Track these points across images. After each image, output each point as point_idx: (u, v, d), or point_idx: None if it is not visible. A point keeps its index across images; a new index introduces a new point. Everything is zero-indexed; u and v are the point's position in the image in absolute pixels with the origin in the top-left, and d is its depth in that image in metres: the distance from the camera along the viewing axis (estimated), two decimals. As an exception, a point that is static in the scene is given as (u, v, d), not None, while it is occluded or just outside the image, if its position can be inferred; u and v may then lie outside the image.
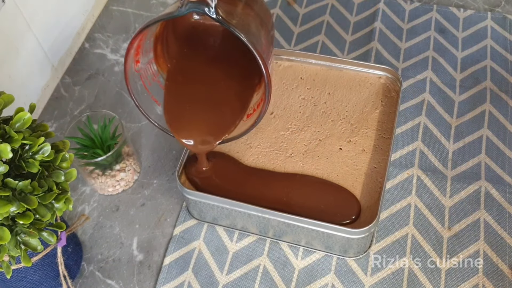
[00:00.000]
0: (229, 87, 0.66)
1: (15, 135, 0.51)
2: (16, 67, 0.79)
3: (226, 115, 0.65)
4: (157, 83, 0.66)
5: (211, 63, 0.66)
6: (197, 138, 0.65)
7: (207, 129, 0.65)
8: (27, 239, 0.53)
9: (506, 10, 0.91)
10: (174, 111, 0.65)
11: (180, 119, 0.65)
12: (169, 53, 0.66)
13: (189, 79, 0.66)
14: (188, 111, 0.65)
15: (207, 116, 0.65)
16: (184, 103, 0.65)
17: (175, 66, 0.66)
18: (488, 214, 0.70)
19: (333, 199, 0.66)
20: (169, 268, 0.68)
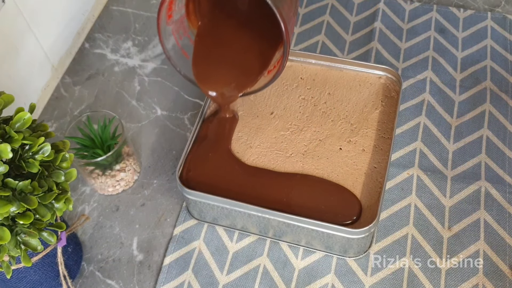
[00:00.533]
0: (253, 45, 0.71)
1: (15, 135, 0.51)
2: (16, 67, 0.79)
3: (249, 70, 0.70)
4: (188, 37, 0.71)
5: (238, 23, 0.72)
6: (221, 90, 0.70)
7: (231, 82, 0.70)
8: (27, 239, 0.53)
9: (506, 10, 0.91)
10: (201, 64, 0.70)
11: (207, 72, 0.70)
12: (200, 11, 0.71)
13: (217, 37, 0.72)
14: (214, 65, 0.71)
15: (231, 70, 0.71)
16: (211, 58, 0.71)
17: (205, 24, 0.72)
18: (488, 214, 0.70)
19: (334, 199, 0.66)
20: (169, 268, 0.68)
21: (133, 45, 0.91)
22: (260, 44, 0.71)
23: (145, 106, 0.84)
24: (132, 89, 0.86)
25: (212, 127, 0.72)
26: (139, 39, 0.92)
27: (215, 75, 0.71)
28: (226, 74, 0.71)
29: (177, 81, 0.86)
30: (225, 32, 0.72)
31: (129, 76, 0.88)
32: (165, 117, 0.83)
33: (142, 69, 0.88)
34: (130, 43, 0.92)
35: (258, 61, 0.70)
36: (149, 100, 0.85)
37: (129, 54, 0.90)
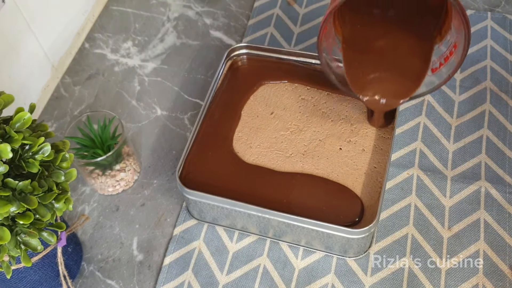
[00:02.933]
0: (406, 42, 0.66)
1: (15, 135, 0.51)
2: (16, 67, 0.79)
3: (410, 71, 0.66)
4: (336, 46, 0.68)
5: (385, 24, 0.67)
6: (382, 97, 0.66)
7: (393, 88, 0.66)
8: (27, 239, 0.53)
9: (506, 10, 0.91)
10: (355, 73, 0.67)
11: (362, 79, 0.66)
12: (344, 18, 0.67)
13: (366, 43, 0.68)
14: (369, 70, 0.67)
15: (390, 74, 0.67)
16: (364, 62, 0.67)
17: (350, 30, 0.68)
18: (488, 214, 0.70)
19: (336, 200, 0.66)
20: (169, 268, 0.68)
21: (133, 45, 0.91)
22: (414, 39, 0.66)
23: (145, 106, 0.84)
24: (132, 89, 0.86)
25: (212, 126, 0.72)
26: (139, 39, 0.92)
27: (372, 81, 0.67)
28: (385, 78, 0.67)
29: (177, 81, 0.87)
30: (372, 36, 0.68)
31: (129, 76, 0.88)
32: (165, 117, 0.83)
33: (142, 69, 0.88)
34: (130, 43, 0.92)
35: (418, 59, 0.66)
36: (149, 100, 0.85)
37: (129, 54, 0.90)
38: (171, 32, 0.93)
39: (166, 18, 0.95)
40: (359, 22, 0.67)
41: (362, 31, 0.68)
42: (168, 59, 0.89)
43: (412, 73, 0.66)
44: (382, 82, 0.67)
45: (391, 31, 0.67)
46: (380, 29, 0.67)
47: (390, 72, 0.67)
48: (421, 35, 0.66)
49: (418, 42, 0.66)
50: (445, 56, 0.64)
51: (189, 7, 0.96)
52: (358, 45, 0.68)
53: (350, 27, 0.68)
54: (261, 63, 0.78)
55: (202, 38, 0.92)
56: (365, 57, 0.68)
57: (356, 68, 0.67)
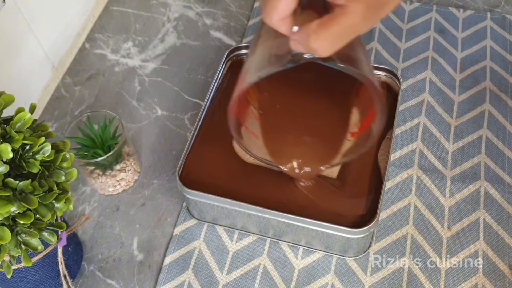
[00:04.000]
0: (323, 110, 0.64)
1: (16, 135, 0.51)
2: (17, 67, 0.79)
3: (328, 137, 0.63)
4: (251, 114, 0.64)
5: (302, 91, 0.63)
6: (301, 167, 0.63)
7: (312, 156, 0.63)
8: (27, 239, 0.53)
9: (506, 11, 0.91)
10: (272, 141, 0.63)
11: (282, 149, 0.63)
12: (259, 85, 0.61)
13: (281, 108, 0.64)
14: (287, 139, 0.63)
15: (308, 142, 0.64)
16: (282, 131, 0.64)
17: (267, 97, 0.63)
18: (487, 214, 0.70)
19: (335, 200, 0.66)
20: (169, 267, 0.68)
21: (133, 45, 0.91)
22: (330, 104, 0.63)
23: (145, 106, 0.84)
24: (132, 89, 0.86)
25: (212, 126, 0.72)
26: (139, 39, 0.92)
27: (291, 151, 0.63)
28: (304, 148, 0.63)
29: (177, 81, 0.87)
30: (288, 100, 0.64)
31: (129, 76, 0.88)
32: (165, 117, 0.83)
33: (142, 69, 0.89)
34: (131, 43, 0.92)
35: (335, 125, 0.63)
36: (149, 100, 0.85)
37: (129, 54, 0.90)
38: (171, 32, 0.93)
39: (166, 19, 0.95)
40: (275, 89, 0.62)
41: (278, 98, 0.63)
42: (168, 60, 0.90)
43: (330, 140, 0.63)
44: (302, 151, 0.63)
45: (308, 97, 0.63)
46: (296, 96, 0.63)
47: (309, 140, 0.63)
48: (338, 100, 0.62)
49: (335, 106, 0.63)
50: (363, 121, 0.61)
51: (189, 7, 0.96)
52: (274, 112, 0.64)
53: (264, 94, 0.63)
54: (261, 63, 0.78)
55: (202, 39, 0.92)
56: (282, 125, 0.64)
57: (273, 137, 0.64)
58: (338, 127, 0.63)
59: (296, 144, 0.64)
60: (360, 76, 0.51)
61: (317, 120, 0.64)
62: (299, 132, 0.64)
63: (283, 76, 0.58)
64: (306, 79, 0.62)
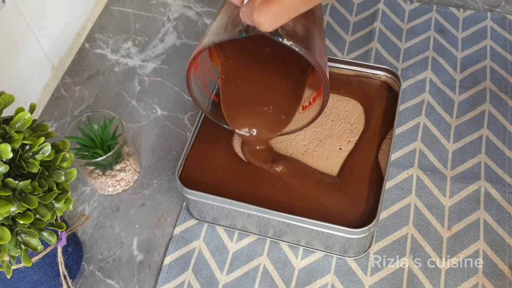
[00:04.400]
0: (281, 80, 0.67)
1: (16, 135, 0.51)
2: (16, 67, 0.79)
3: (281, 108, 0.67)
4: (213, 78, 0.69)
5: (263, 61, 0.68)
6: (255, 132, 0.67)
7: (264, 123, 0.67)
8: (27, 239, 0.53)
9: (506, 11, 0.91)
10: (231, 106, 0.67)
11: (238, 113, 0.67)
12: (222, 49, 0.67)
13: (243, 76, 0.68)
14: (244, 106, 0.67)
15: (263, 110, 0.67)
16: (241, 98, 0.67)
17: (229, 63, 0.68)
18: (487, 214, 0.70)
19: (336, 200, 0.66)
20: (169, 268, 0.68)
21: (133, 45, 0.91)
22: (288, 78, 0.67)
23: (145, 106, 0.84)
24: (132, 89, 0.86)
25: (212, 126, 0.72)
26: (139, 39, 0.92)
27: (246, 116, 0.67)
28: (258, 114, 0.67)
29: (177, 81, 0.87)
30: (249, 67, 0.68)
31: (129, 76, 0.88)
32: (165, 117, 0.83)
33: (142, 69, 0.88)
34: (130, 43, 0.92)
35: (290, 98, 0.67)
36: (149, 100, 0.85)
37: (129, 54, 0.90)
38: (171, 32, 0.93)
39: (166, 18, 0.95)
40: (239, 56, 0.67)
41: (241, 64, 0.67)
42: (168, 59, 0.90)
43: (284, 111, 0.67)
44: (255, 117, 0.67)
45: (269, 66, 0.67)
46: (259, 64, 0.67)
47: (264, 109, 0.67)
48: (296, 74, 0.66)
49: (292, 81, 0.67)
50: (313, 96, 0.65)
51: (189, 7, 0.96)
52: (237, 79, 0.67)
53: (229, 60, 0.67)
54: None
55: (202, 38, 0.92)
56: (242, 91, 0.67)
57: (232, 101, 0.67)
58: (292, 99, 0.67)
59: (251, 111, 0.67)
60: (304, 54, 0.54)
61: (274, 91, 0.67)
62: (256, 100, 0.67)
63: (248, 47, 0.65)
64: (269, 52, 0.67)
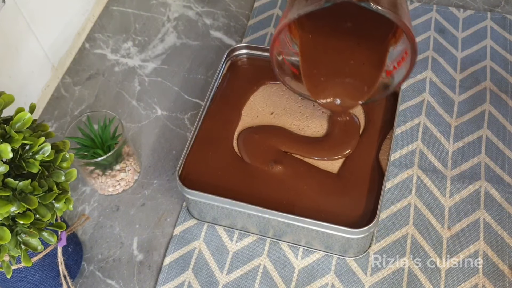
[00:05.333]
0: (362, 47, 0.68)
1: (16, 135, 0.51)
2: (16, 67, 0.79)
3: (365, 74, 0.68)
4: (293, 51, 0.69)
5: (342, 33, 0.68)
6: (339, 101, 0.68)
7: (348, 91, 0.68)
8: (27, 239, 0.53)
9: (506, 10, 0.91)
10: (312, 78, 0.68)
11: (319, 84, 0.68)
12: (300, 23, 0.68)
13: (323, 48, 0.69)
14: (325, 76, 0.68)
15: (346, 77, 0.68)
16: (321, 69, 0.68)
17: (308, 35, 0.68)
18: (487, 214, 0.70)
19: (336, 200, 0.66)
20: (169, 268, 0.68)
21: (133, 45, 0.91)
22: (369, 43, 0.68)
23: (145, 106, 0.84)
24: (132, 89, 0.86)
25: (212, 126, 0.72)
26: (139, 39, 0.92)
27: (329, 87, 0.68)
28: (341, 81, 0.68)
29: (177, 81, 0.87)
30: (329, 36, 0.69)
31: (129, 76, 0.88)
32: (165, 117, 0.83)
33: (142, 69, 0.88)
34: (130, 43, 0.92)
35: (373, 62, 0.67)
36: (149, 100, 0.85)
37: (129, 54, 0.90)
38: (171, 32, 0.93)
39: (166, 18, 0.95)
40: (318, 30, 0.68)
41: (320, 37, 0.68)
42: (168, 59, 0.90)
43: (367, 76, 0.68)
44: (338, 86, 0.68)
45: (348, 36, 0.68)
46: (338, 35, 0.68)
47: (347, 76, 0.69)
48: (377, 38, 0.67)
49: (374, 45, 0.67)
50: (398, 60, 0.66)
51: (189, 7, 0.96)
52: (316, 51, 0.69)
53: (308, 34, 0.68)
54: (261, 63, 0.78)
55: (202, 38, 0.92)
56: (322, 62, 0.69)
57: (313, 73, 0.68)
58: (373, 67, 0.67)
59: (333, 81, 0.68)
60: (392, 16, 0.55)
61: (353, 60, 0.68)
62: (337, 70, 0.69)
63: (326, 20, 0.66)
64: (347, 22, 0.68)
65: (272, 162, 0.68)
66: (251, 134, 0.71)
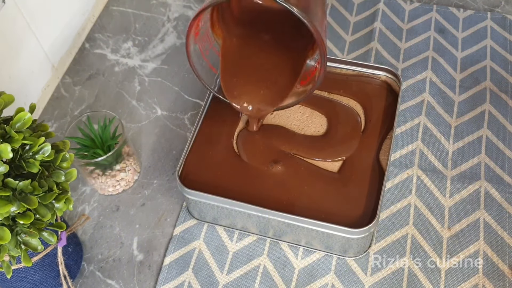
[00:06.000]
0: (281, 56, 0.69)
1: (16, 135, 0.51)
2: (16, 67, 0.79)
3: (280, 82, 0.68)
4: (213, 50, 0.69)
5: (265, 35, 0.69)
6: (252, 105, 0.68)
7: (263, 97, 0.68)
8: (27, 239, 0.53)
9: (506, 11, 0.91)
10: (229, 79, 0.69)
11: (236, 87, 0.68)
12: (224, 21, 0.69)
13: (244, 48, 0.69)
14: (242, 79, 0.69)
15: (262, 83, 0.69)
16: (239, 72, 0.69)
17: (230, 36, 0.69)
18: (487, 214, 0.70)
19: (336, 200, 0.66)
20: (169, 268, 0.68)
21: (133, 45, 0.91)
22: (288, 55, 0.69)
23: (145, 106, 0.84)
24: (132, 89, 0.86)
25: (212, 126, 0.72)
26: (139, 39, 0.92)
27: (245, 89, 0.69)
28: (257, 87, 0.69)
29: (177, 81, 0.87)
30: (251, 43, 0.70)
31: (129, 76, 0.88)
32: (165, 117, 0.83)
33: (142, 69, 0.88)
34: (130, 43, 0.92)
35: (289, 72, 0.69)
36: (149, 100, 0.85)
37: (129, 54, 0.90)
38: (171, 32, 0.93)
39: (166, 18, 0.95)
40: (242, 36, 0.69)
41: (243, 44, 0.69)
42: (168, 59, 0.90)
43: (282, 85, 0.68)
44: (253, 93, 0.69)
45: (270, 46, 0.69)
46: (261, 44, 0.69)
47: (262, 82, 0.69)
48: (296, 50, 0.68)
49: (292, 56, 0.68)
50: (312, 70, 0.67)
51: (189, 7, 0.96)
52: (237, 56, 0.69)
53: (233, 38, 0.69)
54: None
55: (202, 38, 0.92)
56: (241, 68, 0.69)
57: (230, 75, 0.69)
58: (289, 75, 0.68)
59: (249, 84, 0.69)
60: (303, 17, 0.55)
61: (272, 66, 0.69)
62: (254, 74, 0.69)
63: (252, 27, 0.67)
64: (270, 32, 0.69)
65: (272, 162, 0.68)
66: (251, 134, 0.71)
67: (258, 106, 0.68)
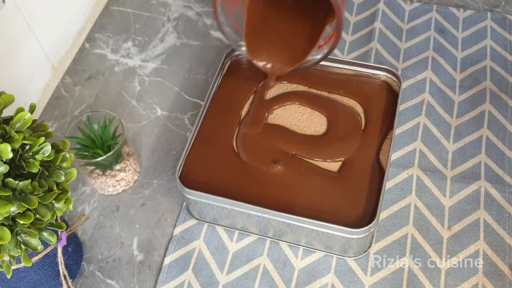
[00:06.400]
0: (303, 21, 0.74)
1: (16, 135, 0.51)
2: (16, 67, 0.79)
3: (299, 44, 0.74)
4: (239, 10, 0.74)
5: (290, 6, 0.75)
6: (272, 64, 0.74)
7: (281, 56, 0.74)
8: (27, 239, 0.53)
9: (506, 11, 0.91)
10: (253, 37, 0.74)
11: (258, 45, 0.74)
12: None
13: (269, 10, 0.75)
14: (265, 39, 0.74)
15: (283, 44, 0.74)
16: (263, 32, 0.75)
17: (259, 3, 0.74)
18: (487, 214, 0.70)
19: (336, 200, 0.66)
20: (169, 268, 0.68)
21: (133, 45, 0.91)
22: (309, 19, 0.73)
23: (145, 106, 0.84)
24: (132, 89, 0.86)
25: (212, 126, 0.72)
26: (139, 39, 0.92)
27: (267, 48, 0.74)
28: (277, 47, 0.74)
29: (177, 81, 0.87)
30: (276, 10, 0.74)
31: (129, 76, 0.88)
32: (165, 117, 0.83)
33: (142, 69, 0.89)
34: (130, 43, 0.92)
35: (308, 35, 0.73)
36: (149, 100, 0.85)
37: (129, 54, 0.90)
38: (171, 32, 0.93)
39: (166, 18, 0.95)
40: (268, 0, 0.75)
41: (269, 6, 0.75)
42: (168, 59, 0.90)
43: (301, 47, 0.73)
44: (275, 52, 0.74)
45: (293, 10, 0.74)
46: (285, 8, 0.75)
47: (283, 45, 0.74)
48: (316, 17, 0.73)
49: (313, 22, 0.73)
50: (328, 37, 0.71)
51: (189, 7, 0.96)
52: (262, 17, 0.75)
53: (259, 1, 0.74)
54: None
55: (202, 38, 0.92)
56: (265, 29, 0.75)
57: (255, 34, 0.74)
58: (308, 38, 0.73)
59: (271, 43, 0.74)
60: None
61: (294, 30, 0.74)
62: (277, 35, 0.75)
63: None
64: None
65: (272, 162, 0.68)
66: (251, 134, 0.71)
67: (277, 66, 0.74)
